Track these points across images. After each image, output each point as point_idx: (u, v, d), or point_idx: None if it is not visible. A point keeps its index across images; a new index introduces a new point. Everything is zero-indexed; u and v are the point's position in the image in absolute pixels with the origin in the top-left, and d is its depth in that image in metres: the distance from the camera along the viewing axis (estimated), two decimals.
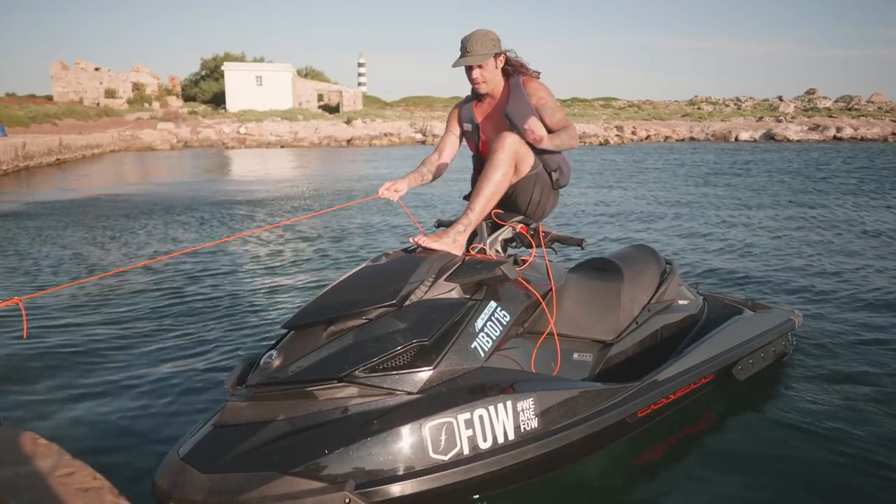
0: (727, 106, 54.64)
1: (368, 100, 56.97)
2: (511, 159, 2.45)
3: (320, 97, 51.30)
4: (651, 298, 2.81)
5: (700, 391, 2.73)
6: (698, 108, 53.41)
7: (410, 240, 2.44)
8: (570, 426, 2.07)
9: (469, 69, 2.62)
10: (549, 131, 2.58)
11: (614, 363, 2.62)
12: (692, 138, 37.04)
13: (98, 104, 43.58)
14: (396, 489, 1.75)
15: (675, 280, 2.96)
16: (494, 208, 2.53)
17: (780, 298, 4.43)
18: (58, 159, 20.03)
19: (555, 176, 2.66)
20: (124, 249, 6.59)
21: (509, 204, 2.61)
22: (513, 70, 2.69)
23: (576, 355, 2.50)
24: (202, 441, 1.83)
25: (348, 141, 34.74)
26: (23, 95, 47.05)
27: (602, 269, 2.90)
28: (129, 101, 45.76)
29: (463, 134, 2.84)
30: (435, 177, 2.84)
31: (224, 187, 13.29)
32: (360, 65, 74.42)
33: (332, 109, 49.36)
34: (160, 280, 5.13)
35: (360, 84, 69.72)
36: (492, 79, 2.63)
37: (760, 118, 44.29)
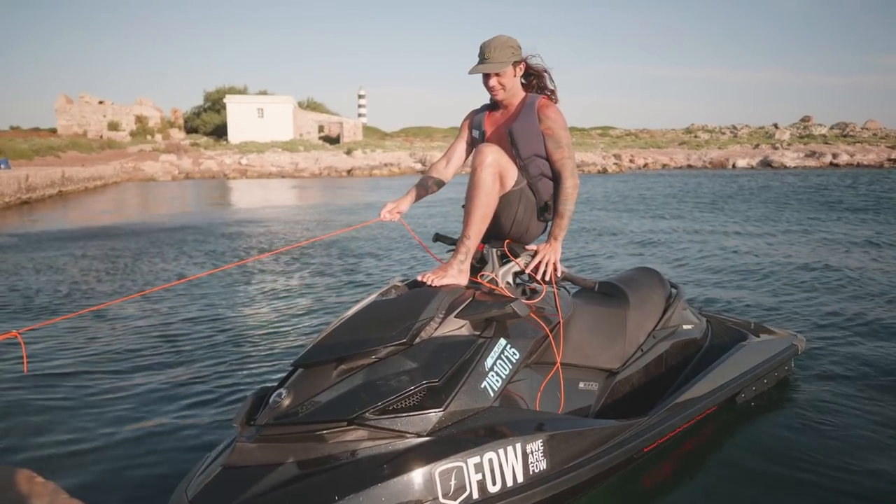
0: (723, 134, 55.23)
1: (368, 130, 57.52)
2: (494, 174, 2.37)
3: (321, 128, 51.81)
4: (657, 325, 2.79)
5: (702, 420, 2.71)
6: (695, 136, 53.96)
7: (418, 277, 2.41)
8: (578, 466, 2.04)
9: (486, 76, 2.52)
10: (548, 160, 2.53)
11: (620, 392, 2.58)
12: (690, 166, 37.37)
13: (101, 137, 44.00)
14: None
15: (680, 305, 2.94)
16: (507, 240, 2.52)
17: (785, 320, 4.43)
18: (60, 191, 20.15)
19: (544, 200, 2.57)
20: (125, 280, 6.58)
21: (495, 219, 2.52)
22: (534, 80, 2.61)
23: (581, 384, 2.46)
24: (211, 483, 1.80)
25: (349, 171, 35.00)
26: (27, 129, 47.52)
27: (608, 294, 2.85)
28: (132, 134, 46.21)
29: (472, 141, 2.75)
30: (441, 185, 2.78)
31: (225, 216, 13.33)
32: (360, 96, 75.28)
33: (333, 140, 49.81)
34: (161, 310, 5.11)
35: (360, 115, 70.42)
36: (510, 87, 2.53)
37: (757, 145, 44.75)
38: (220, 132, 49.41)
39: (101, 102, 47.81)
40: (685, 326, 2.91)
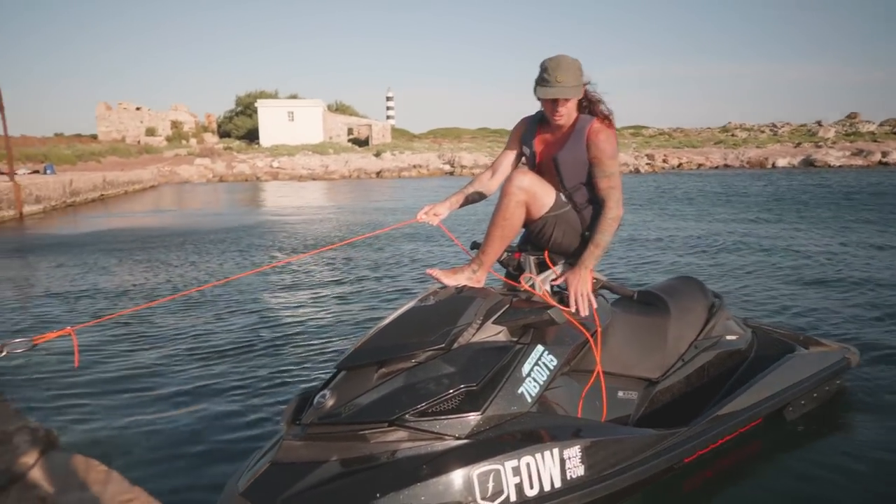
0: (762, 132, 53.89)
1: (397, 132, 57.84)
2: (518, 203, 2.38)
3: (350, 131, 52.27)
4: (698, 335, 2.74)
5: (747, 433, 2.64)
6: (732, 135, 52.84)
7: (427, 271, 2.49)
8: (616, 474, 2.04)
9: (554, 101, 2.40)
10: (590, 186, 2.48)
11: (659, 402, 2.56)
12: (726, 165, 36.57)
13: (139, 142, 45.11)
14: None
15: (723, 315, 2.88)
16: (547, 250, 2.53)
17: (836, 332, 4.21)
18: (102, 195, 20.71)
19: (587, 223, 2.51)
20: (170, 278, 6.77)
21: (534, 238, 2.57)
22: (587, 106, 2.51)
23: (620, 393, 2.45)
24: (260, 478, 1.89)
25: (378, 173, 35.21)
26: (70, 135, 48.96)
27: (648, 303, 2.82)
28: (168, 139, 47.26)
29: (521, 154, 2.69)
30: (483, 198, 2.76)
31: (260, 218, 13.58)
32: (388, 98, 75.83)
33: (362, 143, 50.21)
34: (205, 309, 5.27)
35: (388, 117, 70.93)
36: (571, 114, 2.46)
37: (798, 144, 43.37)
38: (251, 136, 50.22)
39: (138, 109, 49.02)
40: (729, 337, 2.85)
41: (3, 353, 1.92)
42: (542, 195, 2.42)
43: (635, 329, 2.63)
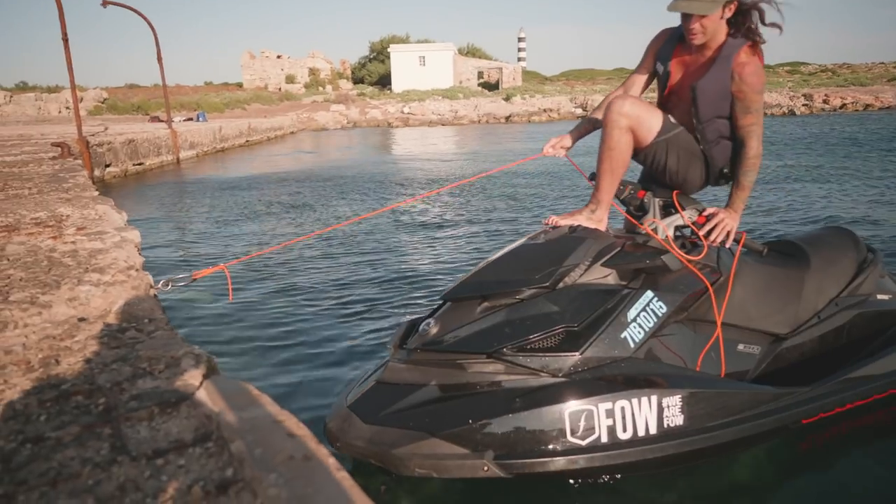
0: None
1: (528, 75, 56.46)
2: (622, 130, 2.21)
3: (480, 74, 51.76)
4: (842, 291, 2.51)
5: (891, 403, 2.39)
6: None
7: (543, 222, 2.41)
8: (720, 427, 1.98)
9: (687, 16, 2.14)
10: (725, 119, 2.27)
11: (786, 359, 2.39)
12: None
13: (280, 89, 47.59)
14: (533, 465, 1.83)
15: (876, 271, 2.60)
16: (675, 191, 2.40)
17: None
18: (247, 141, 22.24)
19: (719, 166, 2.36)
20: (309, 218, 7.23)
21: (649, 170, 2.43)
22: (741, 24, 2.18)
23: (741, 346, 2.32)
24: (366, 394, 2.03)
25: (507, 118, 34.81)
26: (218, 83, 52.64)
27: (786, 253, 2.62)
28: (306, 86, 49.39)
29: (655, 73, 2.46)
30: None
31: (392, 161, 13.99)
32: (520, 39, 73.81)
33: (492, 86, 49.62)
34: (336, 247, 5.65)
35: (519, 59, 69.24)
36: (713, 31, 2.16)
37: None
38: (384, 81, 51.24)
39: (279, 57, 51.46)
40: (880, 296, 2.57)
41: (169, 288, 2.16)
42: (648, 118, 2.25)
43: (766, 280, 2.44)
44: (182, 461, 0.96)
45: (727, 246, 2.34)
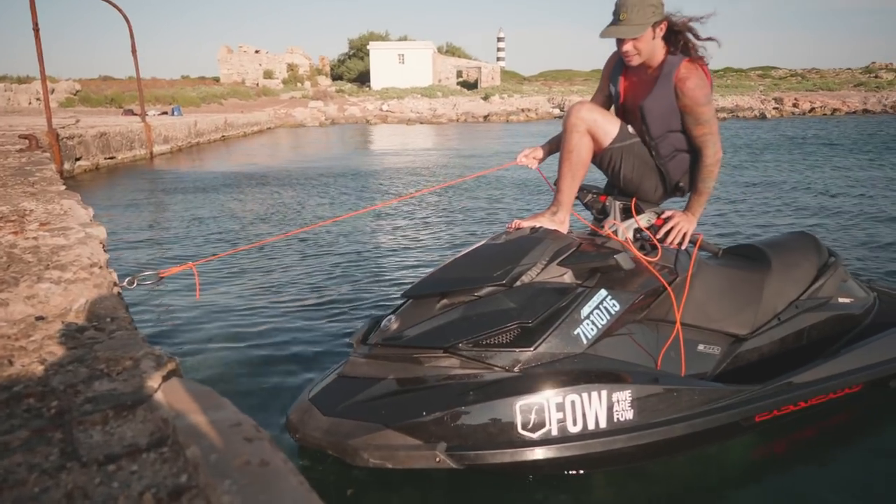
0: None
1: (507, 75, 56.63)
2: (581, 134, 2.31)
3: (459, 73, 51.78)
4: (802, 294, 2.56)
5: (842, 401, 2.44)
6: (875, 77, 47.47)
7: (507, 226, 2.48)
8: (669, 422, 2.03)
9: (620, 41, 2.26)
10: (683, 132, 2.33)
11: (746, 360, 2.44)
12: (866, 110, 33.01)
13: (257, 84, 47.11)
14: (484, 457, 1.88)
15: (836, 274, 2.66)
16: (633, 197, 2.45)
17: None
18: (223, 136, 21.97)
19: (675, 179, 2.41)
20: (280, 217, 7.15)
21: (607, 175, 2.50)
22: (677, 41, 2.26)
23: (701, 346, 2.37)
24: (327, 387, 2.11)
25: (485, 117, 34.86)
26: (195, 77, 51.95)
27: (748, 256, 2.68)
28: (284, 81, 48.97)
29: (610, 95, 2.53)
30: None
31: (367, 161, 13.91)
32: (499, 39, 73.93)
33: (471, 85, 49.68)
34: (309, 247, 5.59)
35: (498, 59, 69.39)
36: (648, 51, 2.25)
37: None
38: (363, 78, 51.01)
39: (257, 52, 50.92)
40: (841, 299, 2.64)
41: (134, 286, 2.11)
42: (604, 124, 2.33)
43: (727, 282, 2.51)
44: (135, 467, 0.94)
45: (683, 247, 2.39)
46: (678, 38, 2.28)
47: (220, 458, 0.94)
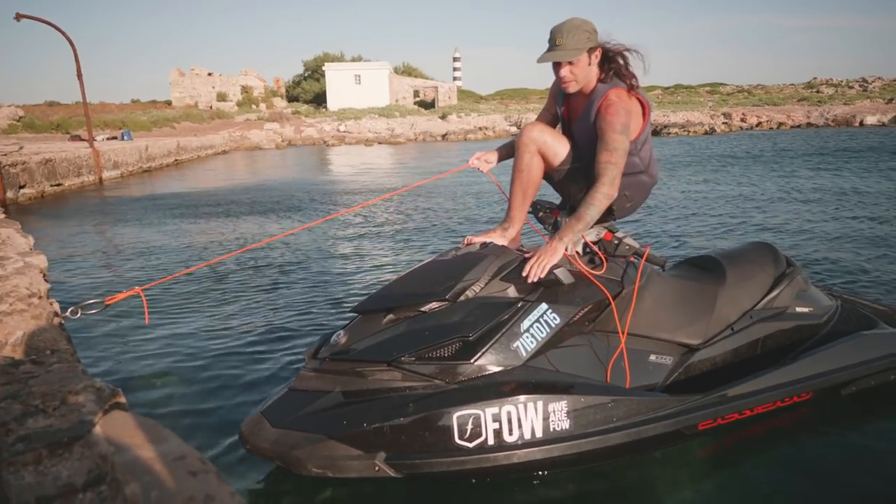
0: (851, 88, 50.22)
1: (463, 94, 57.22)
2: (532, 155, 2.40)
3: (416, 93, 52.11)
4: (757, 304, 2.59)
5: (792, 409, 2.47)
6: (817, 92, 49.58)
7: (462, 241, 2.55)
8: (607, 431, 2.07)
9: (557, 65, 2.33)
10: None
11: (698, 370, 2.46)
12: (810, 124, 34.33)
13: (211, 107, 46.49)
14: (422, 465, 1.96)
15: (794, 283, 2.68)
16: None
17: None
18: (176, 160, 21.54)
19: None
20: (230, 238, 6.99)
21: (560, 193, 2.57)
22: (610, 68, 2.32)
23: (653, 357, 2.39)
24: (278, 400, 2.17)
25: (443, 136, 35.09)
26: (146, 101, 50.97)
27: (703, 267, 2.72)
28: (239, 104, 48.45)
29: (556, 114, 2.63)
30: None
31: (323, 180, 13.79)
32: (455, 59, 74.84)
33: (428, 105, 50.02)
34: (260, 267, 5.52)
35: (455, 79, 70.17)
36: (583, 76, 2.32)
37: (891, 100, 40.33)
38: (319, 100, 50.84)
39: (209, 74, 50.31)
40: (800, 308, 2.66)
41: (77, 315, 2.02)
42: (554, 145, 2.40)
43: (679, 292, 2.54)
44: None
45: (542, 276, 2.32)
46: (610, 64, 2.34)
47: (162, 495, 0.89)
